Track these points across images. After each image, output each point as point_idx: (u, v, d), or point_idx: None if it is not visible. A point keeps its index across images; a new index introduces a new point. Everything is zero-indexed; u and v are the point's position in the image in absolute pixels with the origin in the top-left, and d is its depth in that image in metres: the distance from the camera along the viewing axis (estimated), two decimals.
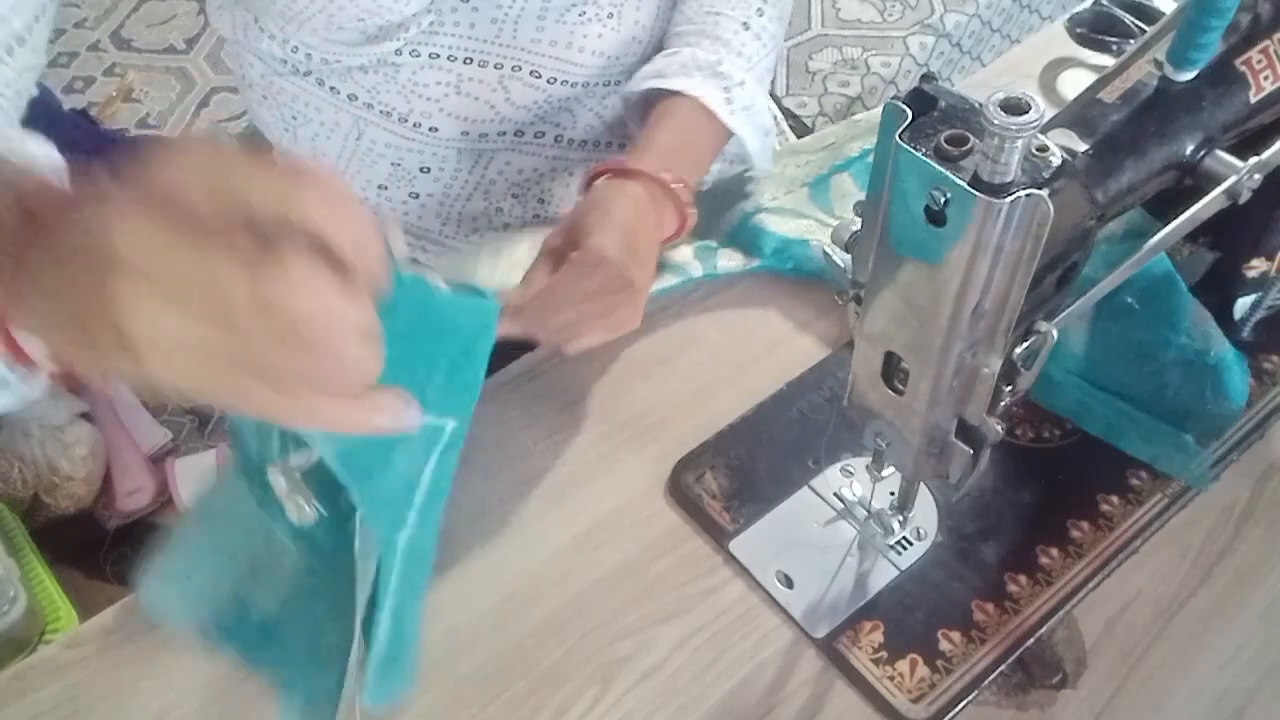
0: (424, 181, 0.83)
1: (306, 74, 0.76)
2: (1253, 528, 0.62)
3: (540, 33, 0.75)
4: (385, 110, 0.77)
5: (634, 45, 0.80)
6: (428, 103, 0.77)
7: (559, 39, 0.76)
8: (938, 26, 2.21)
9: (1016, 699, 0.55)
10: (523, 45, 0.75)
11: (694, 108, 0.71)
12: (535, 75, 0.77)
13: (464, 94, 0.77)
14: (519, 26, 0.74)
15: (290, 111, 0.81)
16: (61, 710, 0.57)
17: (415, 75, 0.75)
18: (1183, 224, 0.49)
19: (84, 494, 1.41)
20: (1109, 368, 0.66)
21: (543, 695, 0.56)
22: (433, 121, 0.78)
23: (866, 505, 0.61)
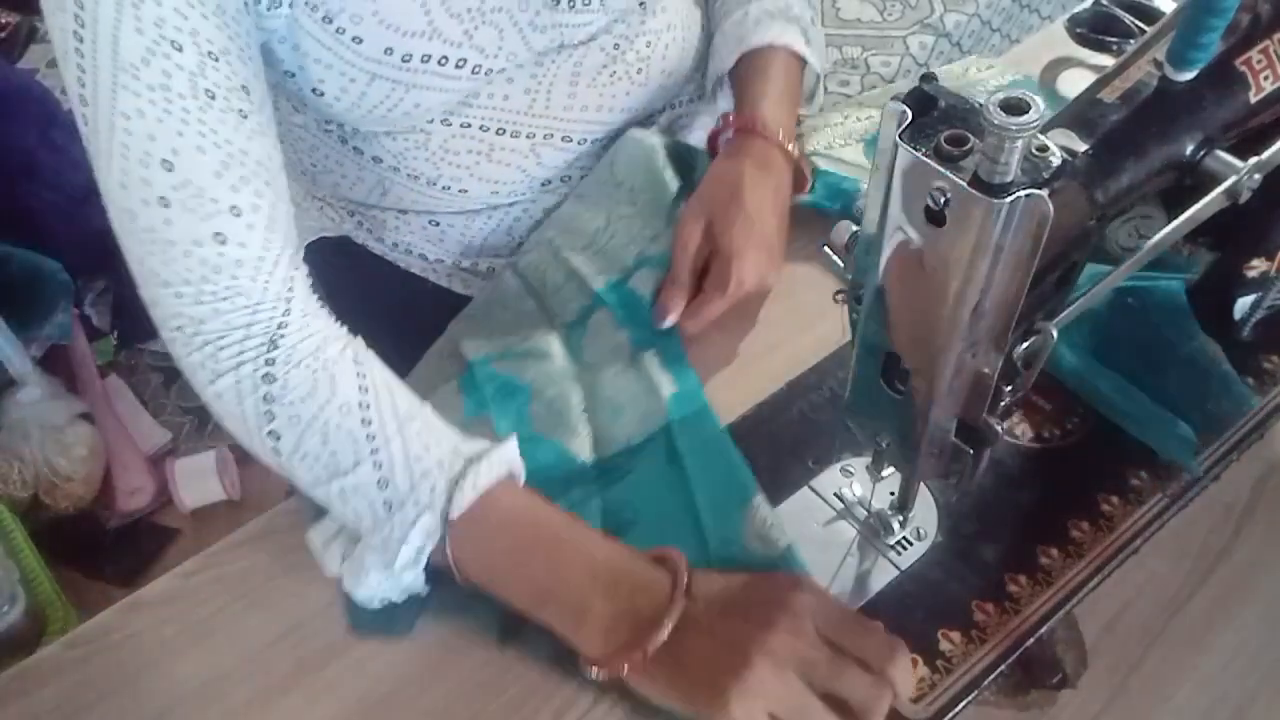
0: (447, 216, 0.82)
1: (328, 132, 0.74)
2: (1253, 527, 0.62)
3: (572, 99, 0.74)
4: (413, 174, 0.75)
5: (662, 94, 0.80)
6: (457, 169, 0.75)
7: (590, 103, 0.76)
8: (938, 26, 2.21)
9: (1016, 699, 0.55)
10: (555, 114, 0.75)
11: (783, 55, 0.78)
12: (566, 140, 0.77)
13: (495, 161, 0.76)
14: (552, 95, 0.73)
15: (310, 160, 0.79)
16: (61, 710, 0.57)
17: (446, 143, 0.73)
18: (1183, 224, 0.49)
19: (84, 494, 1.41)
20: (1119, 348, 0.66)
21: (543, 695, 0.56)
22: (463, 185, 0.77)
23: (866, 505, 0.61)
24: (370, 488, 0.56)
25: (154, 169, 0.53)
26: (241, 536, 0.64)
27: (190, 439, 1.56)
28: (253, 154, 0.56)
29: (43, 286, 1.49)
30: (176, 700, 0.57)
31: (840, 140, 0.84)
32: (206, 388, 0.59)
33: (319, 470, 0.57)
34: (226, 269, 0.56)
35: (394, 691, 0.57)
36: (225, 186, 0.55)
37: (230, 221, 0.55)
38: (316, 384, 0.57)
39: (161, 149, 0.53)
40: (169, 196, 0.54)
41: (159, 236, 0.55)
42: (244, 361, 0.57)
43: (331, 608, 0.60)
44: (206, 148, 0.54)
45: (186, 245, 0.55)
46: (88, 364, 1.57)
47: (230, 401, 0.58)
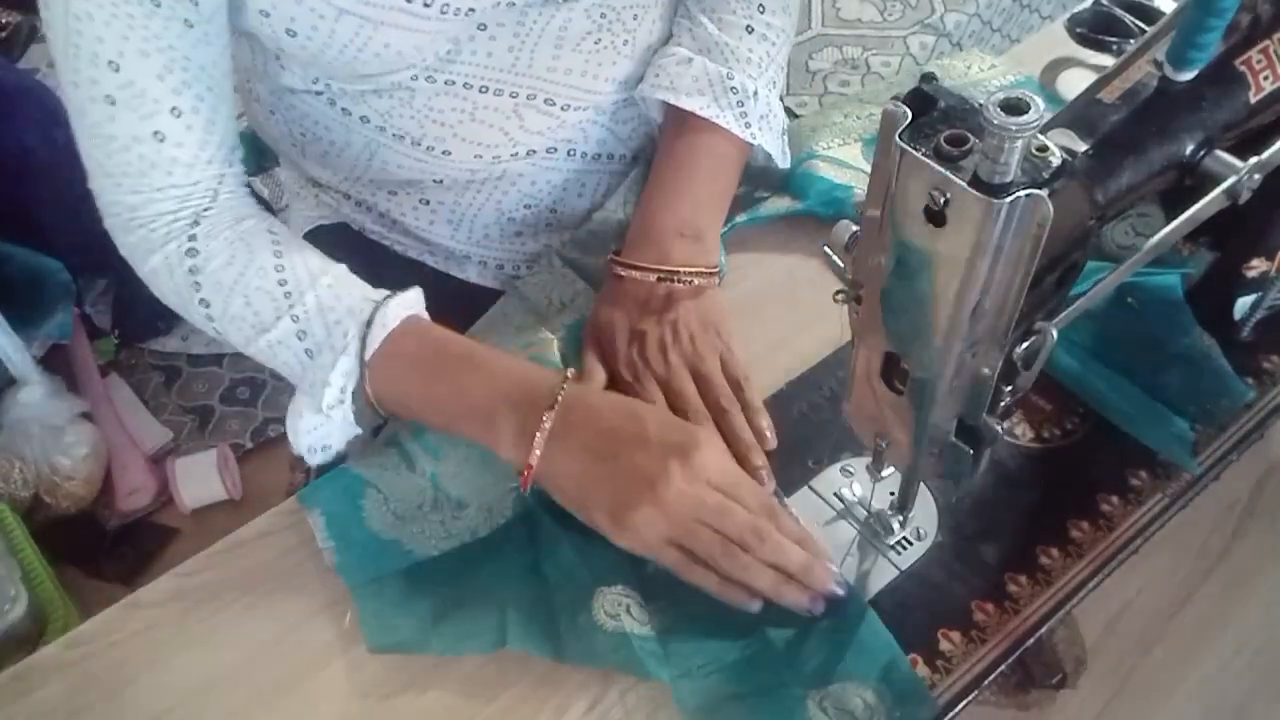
0: (436, 191, 0.82)
1: (318, 94, 0.75)
2: (1253, 527, 0.62)
3: (556, 61, 0.74)
4: (398, 134, 0.76)
5: (645, 68, 0.79)
6: (442, 128, 0.76)
7: (574, 67, 0.75)
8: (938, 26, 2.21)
9: (1016, 699, 0.55)
10: (538, 74, 0.74)
11: (712, 130, 0.75)
12: (550, 103, 0.77)
13: (478, 121, 0.76)
14: (535, 55, 0.73)
15: (299, 128, 0.80)
16: (61, 710, 0.57)
17: (430, 101, 0.74)
18: (1183, 224, 0.49)
19: (84, 494, 1.41)
20: (1115, 345, 0.66)
21: (542, 695, 0.56)
22: (446, 146, 0.77)
23: (866, 505, 0.61)
24: (292, 339, 0.63)
25: (101, 69, 0.59)
26: (241, 536, 0.64)
27: (190, 439, 1.56)
28: (196, 60, 0.61)
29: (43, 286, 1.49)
30: (176, 700, 0.57)
31: (839, 140, 0.84)
32: (143, 266, 0.66)
33: (246, 329, 0.64)
34: (163, 165, 0.63)
35: (394, 692, 0.57)
36: (167, 89, 0.60)
37: (170, 121, 0.61)
38: (235, 253, 0.65)
39: (108, 51, 0.58)
40: (114, 95, 0.59)
41: (103, 132, 0.61)
42: (170, 238, 0.65)
43: (332, 608, 0.60)
44: (150, 52, 0.59)
45: (127, 140, 0.61)
46: (88, 364, 1.57)
47: (164, 276, 0.66)
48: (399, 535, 0.62)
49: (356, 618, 0.59)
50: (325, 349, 0.63)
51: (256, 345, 0.65)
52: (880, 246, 0.44)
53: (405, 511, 0.63)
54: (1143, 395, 0.65)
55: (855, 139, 0.84)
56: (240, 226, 0.66)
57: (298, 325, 0.63)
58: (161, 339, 1.65)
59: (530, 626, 0.57)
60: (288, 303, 0.63)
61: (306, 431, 0.64)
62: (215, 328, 0.66)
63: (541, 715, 0.55)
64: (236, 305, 0.64)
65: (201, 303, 0.65)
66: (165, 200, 0.64)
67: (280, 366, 0.65)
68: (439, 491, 0.64)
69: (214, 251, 0.65)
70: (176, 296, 0.66)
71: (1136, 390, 0.65)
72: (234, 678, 0.58)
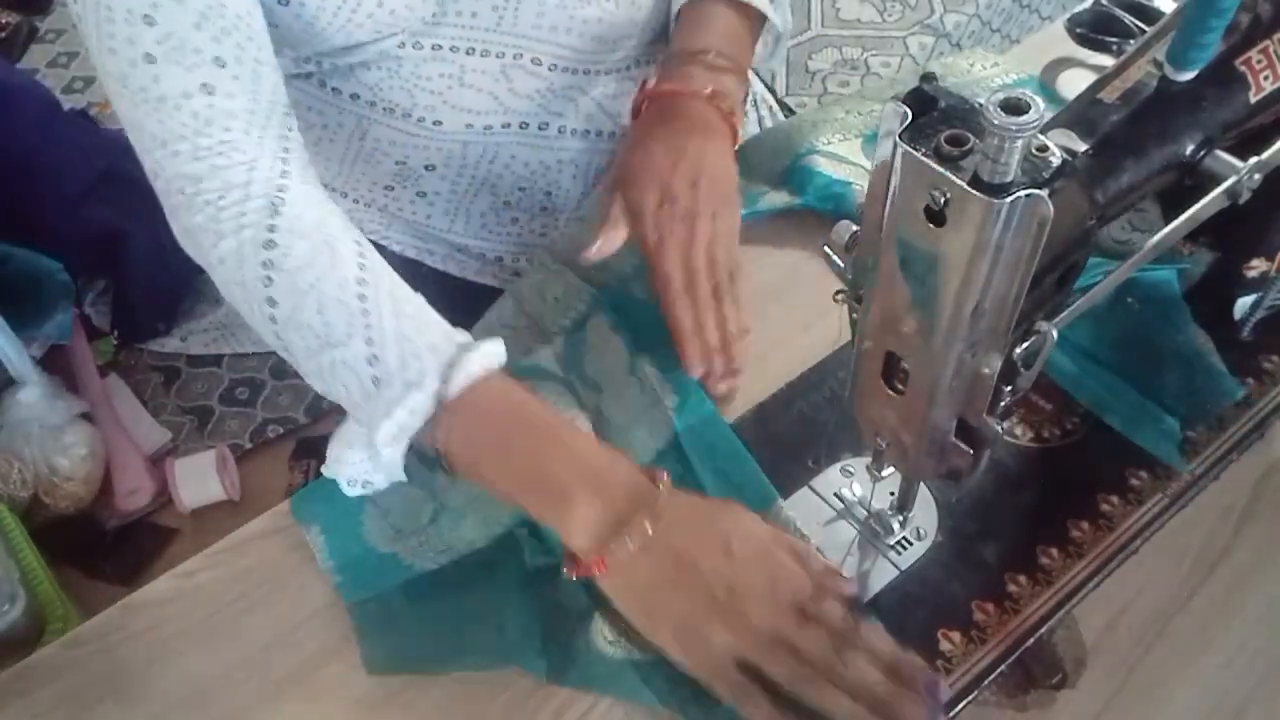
0: (430, 180, 0.83)
1: (308, 76, 0.76)
2: (1253, 528, 0.62)
3: (540, 18, 0.74)
4: (388, 107, 0.77)
5: (630, 28, 0.79)
6: (431, 95, 0.76)
7: (559, 23, 0.75)
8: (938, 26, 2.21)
9: (1016, 699, 0.55)
10: (523, 32, 0.75)
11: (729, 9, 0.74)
12: (536, 63, 0.77)
13: (467, 85, 0.76)
14: (519, 12, 0.73)
15: None
16: (61, 710, 0.57)
17: (418, 69, 0.75)
18: (1183, 224, 0.49)
19: (84, 494, 1.41)
20: (1107, 341, 0.66)
21: (543, 695, 0.56)
22: (436, 115, 0.78)
23: (866, 505, 0.61)
24: (360, 362, 0.57)
25: (137, 25, 0.56)
26: (241, 536, 0.64)
27: (190, 439, 1.56)
28: (231, 8, 0.59)
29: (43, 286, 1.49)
30: (176, 700, 0.57)
31: (839, 136, 0.84)
32: (210, 252, 0.60)
33: (312, 340, 0.58)
34: (218, 120, 0.59)
35: (394, 691, 0.57)
36: (207, 37, 0.58)
37: (216, 72, 0.58)
38: (316, 254, 0.59)
39: (142, 4, 0.56)
40: (153, 52, 0.57)
41: (150, 94, 0.58)
42: (245, 225, 0.59)
43: (332, 608, 0.60)
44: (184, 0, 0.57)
45: (177, 99, 0.58)
46: (88, 364, 1.57)
47: (232, 266, 0.59)
48: (397, 549, 0.61)
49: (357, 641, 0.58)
50: (396, 381, 0.57)
51: (318, 360, 0.59)
52: (880, 246, 0.44)
53: (404, 524, 0.62)
54: (1135, 393, 0.65)
55: (856, 135, 0.85)
56: (325, 229, 0.60)
57: (370, 349, 0.57)
58: (161, 340, 1.65)
59: (528, 649, 0.56)
60: (364, 322, 0.57)
61: (352, 463, 0.60)
62: (276, 331, 0.60)
63: (541, 715, 0.55)
64: (308, 312, 0.58)
65: (269, 301, 0.59)
66: (231, 168, 0.59)
67: (338, 389, 0.59)
68: (436, 503, 0.63)
69: (295, 249, 0.59)
70: (241, 289, 0.60)
71: (1128, 388, 0.65)
72: (234, 678, 0.58)
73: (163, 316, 1.64)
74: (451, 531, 0.62)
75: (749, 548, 0.54)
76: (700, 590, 0.53)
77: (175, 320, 1.65)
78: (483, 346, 0.59)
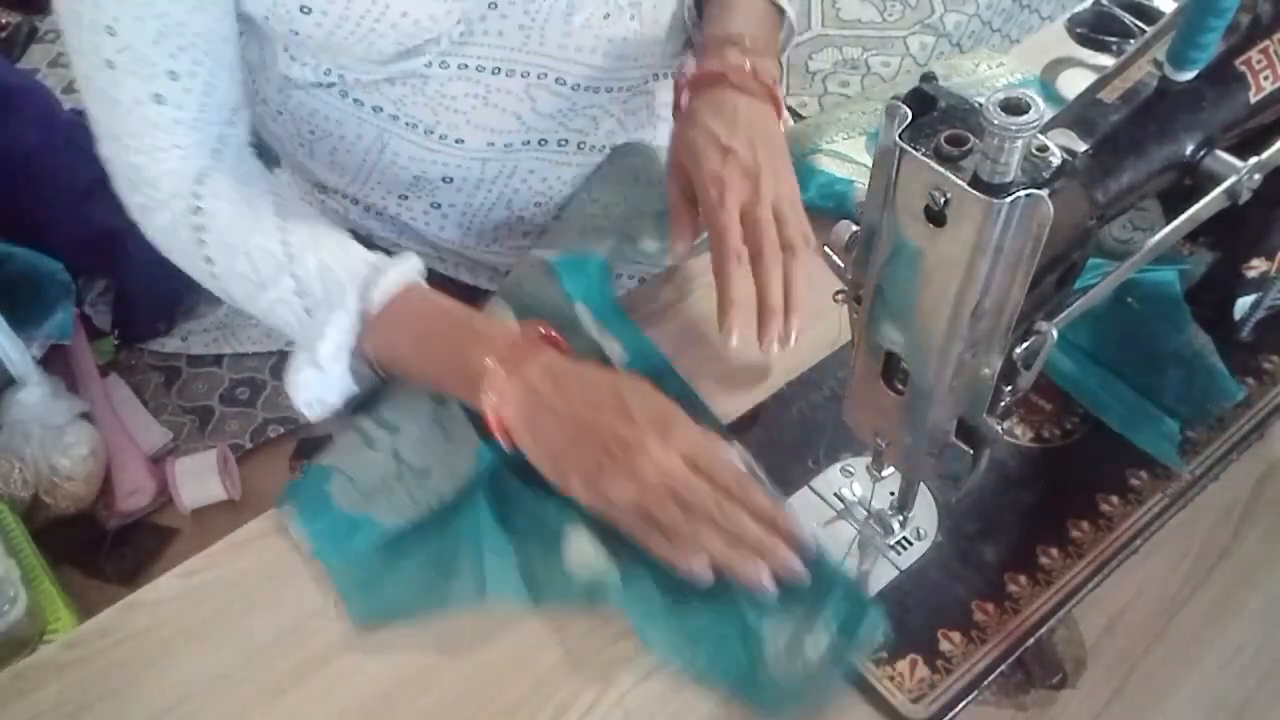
0: (446, 192, 0.82)
1: (330, 86, 0.75)
2: (1252, 528, 0.62)
3: (566, 38, 0.74)
4: (411, 123, 0.77)
5: (655, 46, 0.80)
6: (455, 115, 0.76)
7: (584, 43, 0.75)
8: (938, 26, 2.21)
9: (1016, 699, 0.55)
10: (549, 52, 0.75)
11: None
12: (560, 82, 0.77)
13: (491, 105, 0.76)
14: (546, 32, 0.73)
15: (308, 126, 0.80)
16: (61, 710, 0.57)
17: (444, 87, 0.74)
18: (1183, 224, 0.49)
19: (84, 494, 1.41)
20: (1107, 342, 0.66)
21: (543, 695, 0.56)
22: (459, 134, 0.77)
23: (866, 505, 0.61)
24: (291, 296, 0.66)
25: (100, 34, 0.62)
26: (241, 536, 0.64)
27: (190, 439, 1.55)
28: (191, 26, 0.63)
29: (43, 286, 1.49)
30: (176, 700, 0.57)
31: (843, 134, 0.84)
32: (149, 225, 0.69)
33: (248, 286, 0.67)
34: (165, 126, 0.66)
35: (394, 691, 0.57)
36: (164, 52, 0.63)
37: (168, 84, 0.64)
38: (239, 212, 0.67)
39: (105, 16, 0.61)
40: (113, 59, 0.62)
41: (108, 96, 0.65)
42: (176, 197, 0.67)
43: (331, 608, 0.60)
44: (145, 17, 0.61)
45: (130, 104, 0.65)
46: (88, 364, 1.57)
47: (170, 234, 0.69)
48: (368, 510, 0.63)
49: (340, 603, 0.60)
50: (323, 306, 0.65)
51: (257, 303, 0.68)
52: (880, 246, 0.44)
53: (370, 488, 0.65)
54: (1134, 394, 0.65)
55: (860, 133, 0.85)
56: (245, 188, 0.68)
57: (297, 284, 0.66)
58: (161, 339, 1.65)
59: (506, 575, 0.60)
60: (289, 262, 0.66)
61: (304, 386, 0.66)
62: (219, 285, 0.69)
63: (541, 715, 0.55)
64: (240, 263, 0.67)
65: (206, 260, 0.67)
66: (169, 159, 0.67)
67: (279, 323, 0.68)
68: (401, 464, 0.65)
69: (219, 210, 0.67)
70: (182, 254, 0.69)
71: (1128, 390, 0.65)
72: (234, 678, 0.58)
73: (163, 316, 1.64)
74: (418, 488, 0.64)
75: (645, 410, 0.60)
76: (601, 446, 0.59)
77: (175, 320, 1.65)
78: (398, 264, 0.67)
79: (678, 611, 0.58)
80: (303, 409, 0.67)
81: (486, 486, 0.63)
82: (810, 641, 0.55)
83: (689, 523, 0.57)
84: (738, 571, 0.56)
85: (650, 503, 0.57)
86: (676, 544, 0.57)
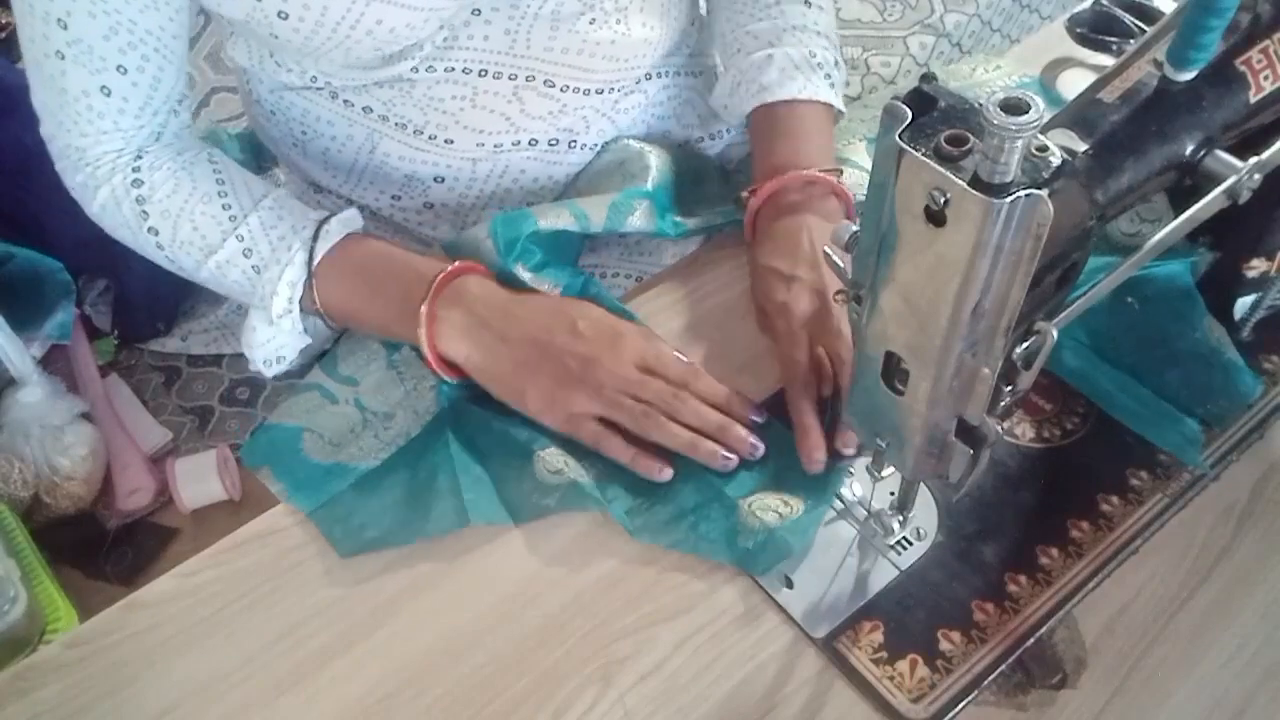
0: (438, 191, 0.82)
1: (320, 88, 0.75)
2: (1253, 528, 0.62)
3: (553, 41, 0.74)
4: (400, 123, 0.77)
5: (644, 47, 0.79)
6: (443, 116, 0.76)
7: (570, 46, 0.75)
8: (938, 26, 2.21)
9: (1016, 699, 0.55)
10: (536, 55, 0.75)
11: (812, 108, 0.76)
12: (549, 85, 0.77)
13: (479, 107, 0.76)
14: (531, 36, 0.73)
15: (300, 126, 0.81)
16: (61, 710, 0.57)
17: (431, 90, 0.74)
18: (1183, 224, 0.49)
19: (84, 494, 1.41)
20: (1121, 344, 0.66)
21: (543, 695, 0.56)
22: (448, 134, 0.77)
23: (866, 505, 0.61)
24: (238, 257, 0.68)
25: (52, 26, 0.63)
26: (241, 536, 0.64)
27: (190, 439, 1.55)
28: (142, 24, 0.65)
29: (43, 286, 1.48)
30: (176, 700, 0.57)
31: (843, 140, 0.84)
32: (92, 204, 0.71)
33: (195, 253, 0.69)
34: (110, 115, 0.68)
35: (394, 691, 0.57)
36: (114, 48, 0.65)
37: (117, 78, 0.66)
38: (179, 181, 0.70)
39: (58, 9, 0.62)
40: (64, 51, 0.64)
41: (56, 85, 0.66)
42: (115, 172, 0.70)
43: (331, 608, 0.60)
44: (97, 14, 0.63)
45: (77, 94, 0.67)
46: (88, 364, 1.57)
47: (112, 210, 0.71)
48: (340, 458, 0.66)
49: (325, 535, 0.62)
50: (271, 263, 0.68)
51: (206, 268, 0.70)
52: (880, 246, 0.44)
53: (339, 439, 0.67)
54: (1151, 396, 0.65)
55: (860, 139, 0.84)
56: (182, 158, 0.71)
57: (243, 244, 0.68)
58: (161, 339, 1.64)
59: (484, 499, 0.63)
60: (232, 225, 0.68)
61: (260, 344, 0.69)
62: (166, 255, 0.71)
63: (541, 715, 0.55)
64: (184, 231, 0.69)
65: (150, 231, 0.70)
66: (110, 140, 0.69)
67: (230, 286, 0.70)
68: (365, 412, 0.68)
69: (158, 181, 0.69)
70: (127, 229, 0.71)
71: (1145, 391, 0.65)
72: (234, 678, 0.58)
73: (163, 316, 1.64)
74: (385, 430, 0.67)
75: (593, 325, 0.65)
76: (556, 364, 0.63)
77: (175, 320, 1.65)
78: (339, 215, 0.69)
79: (653, 498, 0.62)
80: (261, 367, 0.71)
81: (451, 420, 0.67)
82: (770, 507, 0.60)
83: (648, 417, 0.62)
84: (700, 453, 0.62)
85: (609, 408, 0.63)
86: (638, 443, 0.62)
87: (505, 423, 0.65)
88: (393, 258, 0.69)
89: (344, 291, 0.69)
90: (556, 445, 0.64)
